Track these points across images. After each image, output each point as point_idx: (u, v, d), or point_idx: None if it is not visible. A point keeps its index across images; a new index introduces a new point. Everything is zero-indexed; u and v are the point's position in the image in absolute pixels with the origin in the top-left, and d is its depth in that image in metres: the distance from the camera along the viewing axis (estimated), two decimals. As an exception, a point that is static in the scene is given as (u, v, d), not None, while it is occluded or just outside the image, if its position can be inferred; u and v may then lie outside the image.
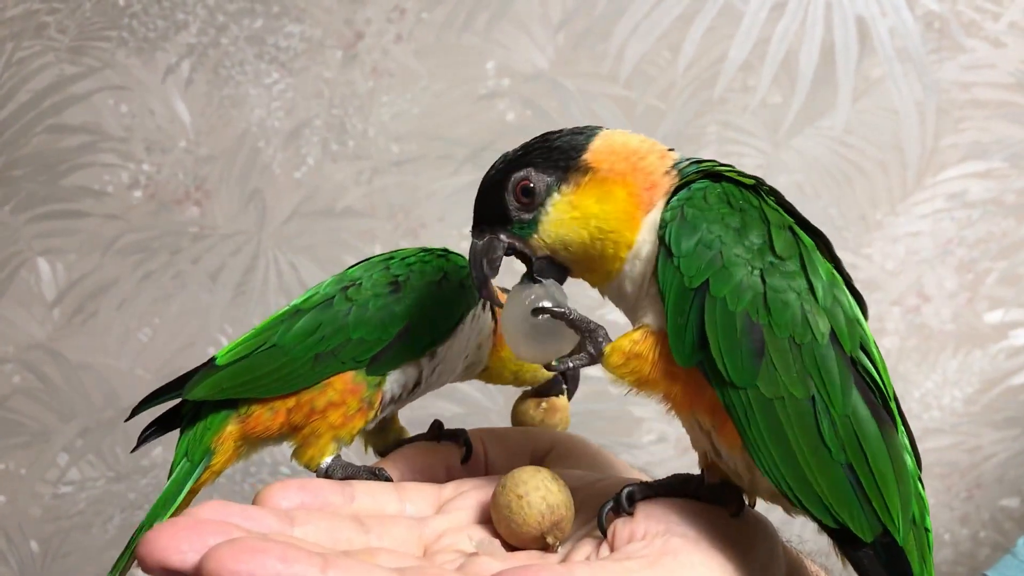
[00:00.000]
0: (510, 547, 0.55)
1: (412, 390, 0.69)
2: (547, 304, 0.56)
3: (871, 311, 1.42)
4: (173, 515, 0.66)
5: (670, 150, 0.58)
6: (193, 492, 0.68)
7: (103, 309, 1.47)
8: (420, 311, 0.67)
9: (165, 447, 1.43)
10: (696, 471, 0.57)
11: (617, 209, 0.54)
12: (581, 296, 0.65)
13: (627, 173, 0.55)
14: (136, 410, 0.72)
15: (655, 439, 1.42)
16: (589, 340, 0.56)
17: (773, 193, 0.56)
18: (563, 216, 0.55)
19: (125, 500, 1.49)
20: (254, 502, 0.52)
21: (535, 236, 0.56)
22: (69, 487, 1.50)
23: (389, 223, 1.43)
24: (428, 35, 1.40)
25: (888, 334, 1.39)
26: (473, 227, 0.58)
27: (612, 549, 0.51)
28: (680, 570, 0.48)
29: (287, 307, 0.70)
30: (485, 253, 0.57)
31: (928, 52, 1.35)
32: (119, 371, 1.47)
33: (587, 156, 0.55)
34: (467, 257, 0.59)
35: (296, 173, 1.44)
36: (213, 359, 0.69)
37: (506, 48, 1.39)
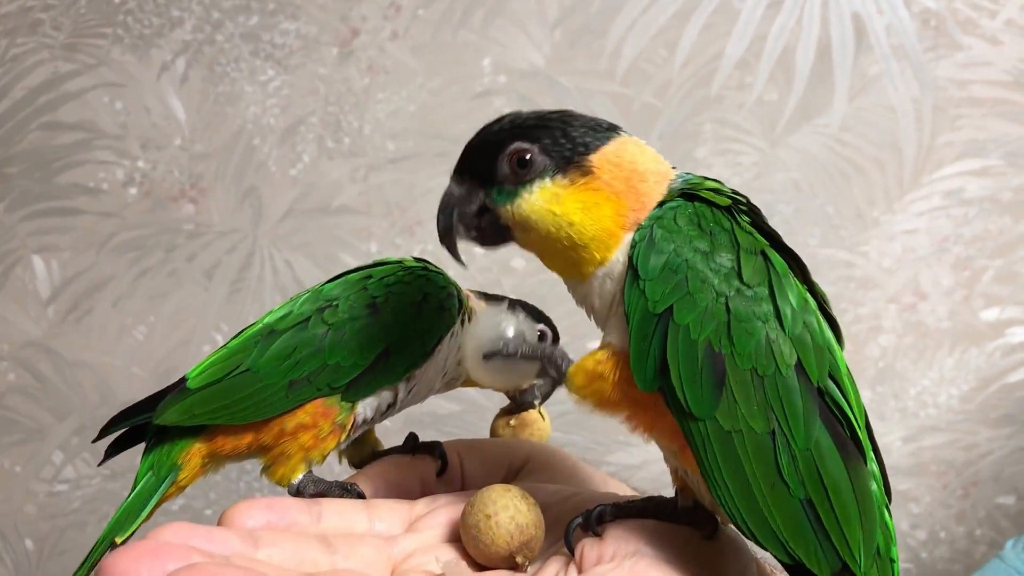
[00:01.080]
0: (479, 567, 0.54)
1: (385, 412, 0.68)
2: (506, 342, 0.54)
3: (867, 309, 1.43)
4: (136, 530, 0.65)
5: (673, 168, 0.56)
6: (156, 507, 0.67)
7: (98, 307, 1.47)
8: (399, 335, 0.64)
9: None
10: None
11: (597, 226, 0.52)
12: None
13: (621, 193, 0.53)
14: (104, 431, 0.70)
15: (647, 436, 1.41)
16: (550, 365, 0.55)
17: (750, 213, 0.54)
18: (543, 205, 0.53)
19: (120, 498, 1.47)
20: (219, 522, 0.51)
21: (507, 207, 0.53)
22: (64, 485, 1.49)
23: (385, 221, 1.42)
24: (424, 32, 1.40)
25: (884, 332, 1.39)
26: (455, 171, 0.55)
27: (580, 570, 0.50)
28: None
29: (259, 324, 0.67)
30: (460, 202, 0.55)
31: (925, 50, 1.34)
32: (114, 369, 1.47)
33: (594, 158, 0.53)
34: (441, 201, 0.56)
35: (292, 170, 1.43)
36: (184, 380, 0.66)
37: (502, 45, 1.39)
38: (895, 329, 1.39)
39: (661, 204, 0.53)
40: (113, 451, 0.71)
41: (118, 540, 0.64)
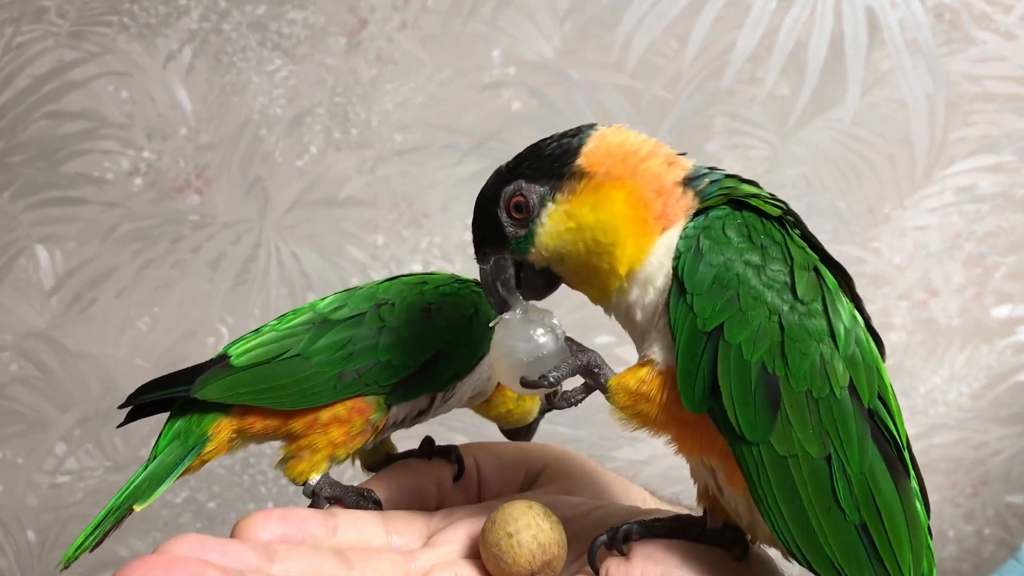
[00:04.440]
0: None
1: (417, 417, 0.67)
2: (548, 373, 0.52)
3: (878, 306, 1.42)
4: (156, 498, 0.63)
5: (680, 154, 0.55)
6: (179, 477, 0.65)
7: (102, 297, 1.45)
8: (449, 343, 0.64)
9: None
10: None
11: (617, 217, 0.50)
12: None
13: (626, 177, 0.51)
14: (131, 398, 0.69)
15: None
16: (587, 376, 0.53)
17: (798, 224, 0.52)
18: (558, 227, 0.51)
19: (123, 490, 1.47)
20: (233, 533, 0.50)
21: (532, 250, 0.53)
22: (67, 477, 1.48)
23: (392, 213, 1.41)
24: (433, 23, 1.38)
25: (895, 329, 1.38)
26: (476, 253, 0.55)
27: None
28: None
29: (306, 310, 0.67)
30: (496, 275, 0.54)
31: (938, 44, 1.33)
32: (118, 360, 1.46)
33: (581, 160, 0.52)
34: (483, 284, 0.56)
35: (298, 162, 1.42)
36: (226, 357, 0.65)
37: (512, 36, 1.38)
38: (905, 326, 1.38)
39: (705, 211, 0.51)
40: (134, 416, 0.70)
41: (136, 508, 0.63)
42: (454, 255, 1.41)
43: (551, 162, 0.52)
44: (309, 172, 1.42)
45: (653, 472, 1.36)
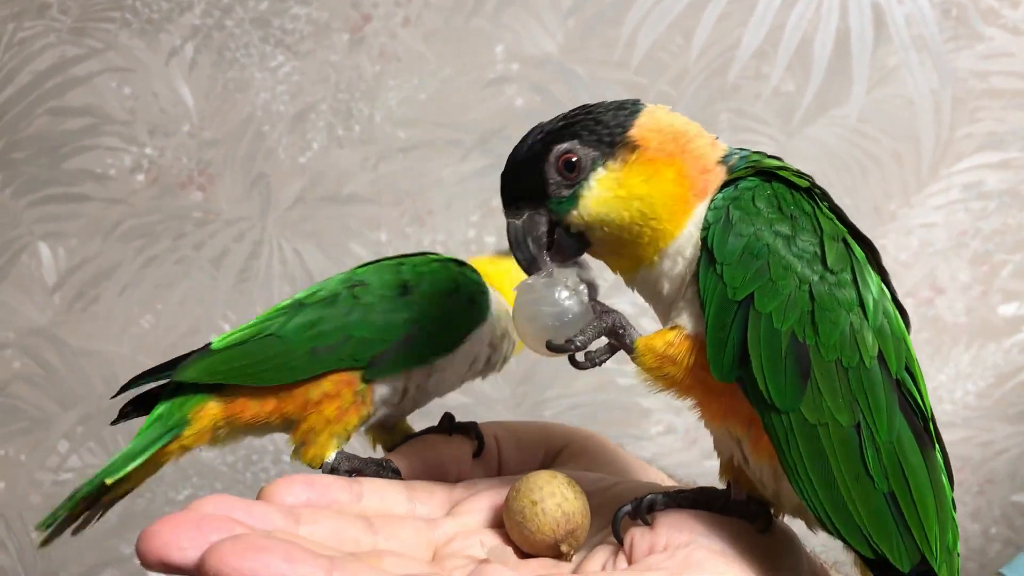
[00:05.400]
0: (522, 554, 0.53)
1: (404, 397, 0.67)
2: (573, 337, 0.52)
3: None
4: (130, 475, 0.66)
5: (716, 138, 0.55)
6: (156, 460, 0.67)
7: (105, 295, 1.45)
8: (426, 320, 0.64)
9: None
10: (705, 468, 0.54)
11: (665, 193, 0.51)
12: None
13: (676, 155, 0.52)
14: (125, 387, 0.70)
15: (663, 430, 1.40)
16: (612, 337, 0.53)
17: (826, 197, 0.53)
18: (607, 194, 0.51)
19: (126, 488, 1.47)
20: (258, 497, 0.50)
21: (573, 212, 0.52)
22: (69, 474, 1.48)
23: (395, 210, 1.41)
24: (436, 19, 1.38)
25: (900, 327, 1.37)
26: (507, 206, 0.54)
27: (630, 560, 0.49)
28: None
29: (289, 299, 0.69)
30: (528, 232, 0.53)
31: (945, 40, 1.32)
32: (120, 357, 1.46)
33: (633, 132, 0.52)
34: (510, 239, 0.54)
35: (301, 158, 1.42)
36: (209, 345, 0.68)
37: (515, 32, 1.37)
38: (911, 324, 1.37)
39: (732, 182, 0.52)
40: (127, 414, 0.71)
41: (108, 481, 0.65)
42: (458, 252, 1.40)
43: (604, 129, 0.52)
44: (312, 169, 1.42)
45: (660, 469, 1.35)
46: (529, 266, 0.54)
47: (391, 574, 0.41)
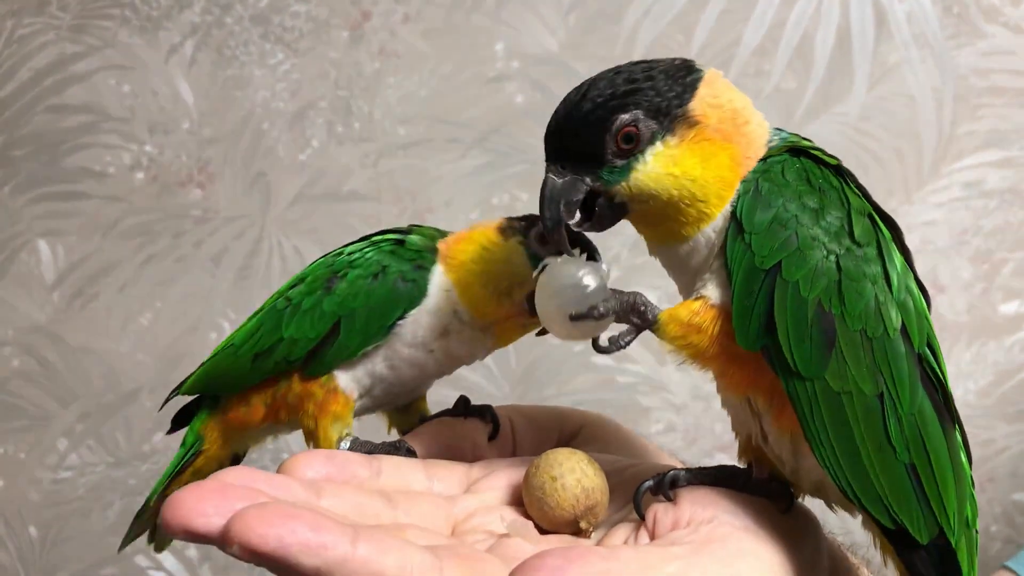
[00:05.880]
0: (541, 531, 0.53)
1: (373, 383, 0.66)
2: (596, 305, 0.52)
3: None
4: (165, 492, 0.70)
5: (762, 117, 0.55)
6: (184, 473, 0.70)
7: (104, 292, 1.45)
8: (349, 309, 0.63)
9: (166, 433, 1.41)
10: (723, 460, 0.55)
11: (718, 177, 0.50)
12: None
13: (732, 135, 0.51)
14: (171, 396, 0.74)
15: (663, 429, 1.40)
16: (633, 314, 0.52)
17: (852, 176, 0.53)
18: (662, 171, 0.50)
19: (125, 486, 1.47)
20: (279, 471, 0.50)
21: (623, 183, 0.51)
22: (69, 472, 1.48)
23: (395, 207, 1.41)
24: (436, 16, 1.38)
25: (901, 325, 1.37)
26: (552, 161, 0.52)
27: (652, 536, 0.49)
28: (729, 558, 0.46)
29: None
30: (565, 193, 0.52)
31: (946, 38, 1.32)
32: (120, 355, 1.45)
33: (694, 105, 0.51)
34: (543, 194, 0.52)
35: (301, 156, 1.41)
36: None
37: (516, 29, 1.37)
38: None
39: (764, 158, 0.52)
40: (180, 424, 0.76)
41: (151, 502, 0.70)
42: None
43: (666, 100, 0.51)
44: (312, 166, 1.41)
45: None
46: (553, 227, 0.52)
47: (415, 544, 0.41)
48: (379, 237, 0.68)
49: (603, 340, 0.54)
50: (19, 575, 1.50)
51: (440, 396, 0.74)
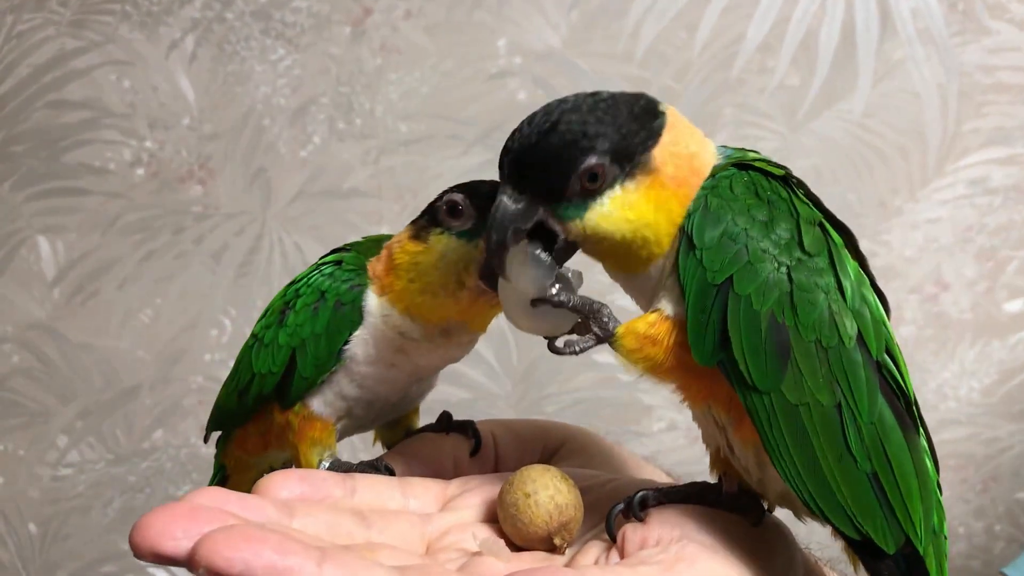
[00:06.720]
0: (515, 547, 0.53)
1: (348, 406, 0.66)
2: (552, 290, 0.52)
3: (888, 300, 1.40)
4: None
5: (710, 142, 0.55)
6: None
7: (104, 289, 1.44)
8: (299, 339, 0.63)
9: (166, 430, 1.41)
10: (707, 466, 0.55)
11: (669, 220, 0.51)
12: (589, 282, 0.61)
13: (683, 179, 0.51)
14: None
15: (665, 427, 1.39)
16: (594, 322, 0.52)
17: (802, 185, 0.53)
18: (616, 214, 0.50)
19: (125, 483, 1.46)
20: (253, 491, 0.50)
21: (577, 221, 0.51)
22: (68, 469, 1.48)
23: (396, 204, 1.40)
24: (438, 12, 1.37)
25: (905, 323, 1.36)
26: (511, 185, 0.51)
27: (622, 555, 0.49)
28: None
29: None
30: (516, 220, 0.51)
31: (951, 34, 1.31)
32: (120, 352, 1.45)
33: (656, 153, 0.51)
34: (494, 215, 0.51)
35: (302, 152, 1.41)
36: None
37: (518, 25, 1.36)
38: (916, 320, 1.36)
39: (712, 175, 0.52)
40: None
41: None
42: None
43: (632, 145, 0.50)
44: (313, 163, 1.41)
45: (659, 466, 1.34)
46: (496, 249, 0.51)
47: (384, 566, 0.41)
48: (324, 259, 0.68)
49: (560, 341, 0.54)
50: (19, 572, 1.50)
51: (442, 395, 0.73)
